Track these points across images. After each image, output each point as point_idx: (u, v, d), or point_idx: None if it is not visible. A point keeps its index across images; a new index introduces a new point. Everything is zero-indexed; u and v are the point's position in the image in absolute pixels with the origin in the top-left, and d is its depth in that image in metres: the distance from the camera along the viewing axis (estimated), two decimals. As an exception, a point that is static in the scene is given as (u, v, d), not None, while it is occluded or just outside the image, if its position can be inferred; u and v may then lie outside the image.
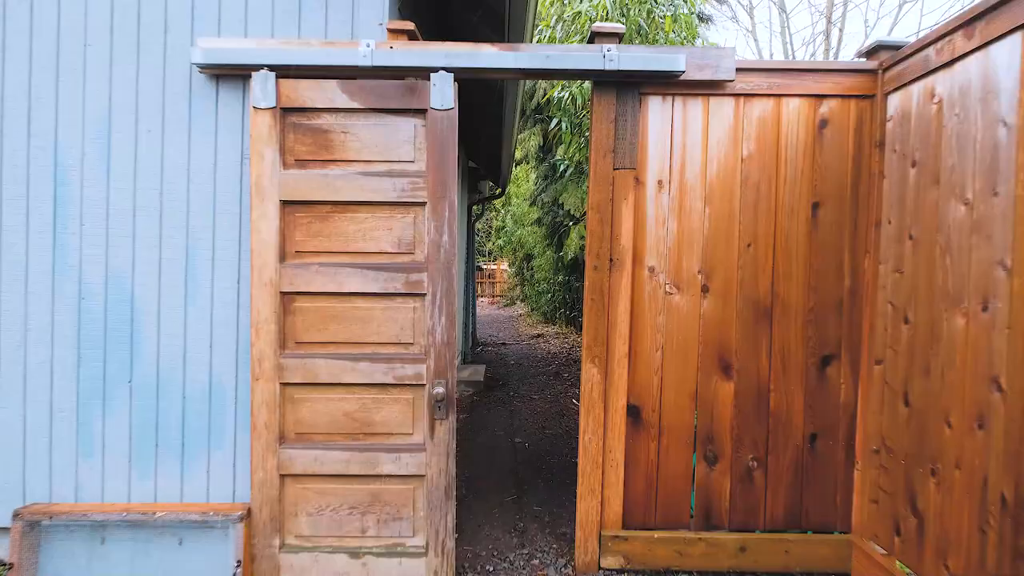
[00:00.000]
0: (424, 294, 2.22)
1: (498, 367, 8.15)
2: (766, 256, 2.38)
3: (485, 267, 25.20)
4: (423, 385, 2.23)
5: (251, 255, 2.21)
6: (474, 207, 10.49)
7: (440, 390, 2.18)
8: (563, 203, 7.46)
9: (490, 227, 23.02)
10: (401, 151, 2.22)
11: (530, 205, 12.08)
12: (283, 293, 2.22)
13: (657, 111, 2.36)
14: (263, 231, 2.20)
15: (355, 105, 2.20)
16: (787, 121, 2.36)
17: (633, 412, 2.39)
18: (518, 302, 19.83)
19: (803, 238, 2.37)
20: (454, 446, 2.25)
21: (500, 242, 18.40)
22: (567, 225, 5.76)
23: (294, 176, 2.21)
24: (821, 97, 2.36)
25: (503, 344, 10.98)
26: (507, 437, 4.52)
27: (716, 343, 2.39)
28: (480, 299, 23.41)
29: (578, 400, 5.90)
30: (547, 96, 4.40)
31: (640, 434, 2.40)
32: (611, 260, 2.35)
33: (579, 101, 4.19)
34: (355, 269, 2.22)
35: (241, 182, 2.32)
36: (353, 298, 2.23)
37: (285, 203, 2.22)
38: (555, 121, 4.51)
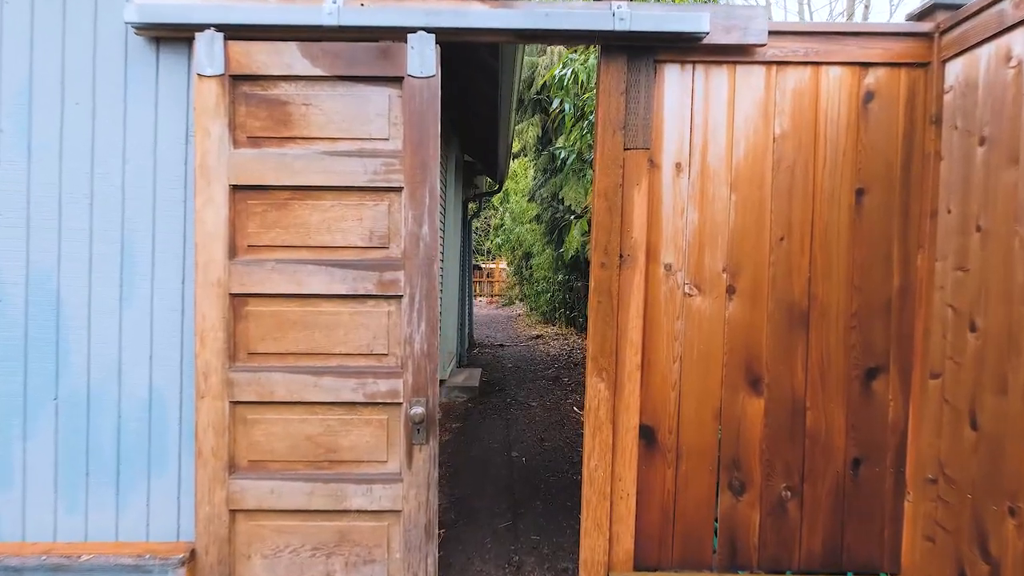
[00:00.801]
0: (400, 296, 1.89)
1: (495, 371, 7.83)
2: (802, 251, 2.05)
3: (484, 266, 24.99)
4: (399, 404, 1.90)
5: (195, 250, 1.88)
6: (470, 203, 10.17)
7: (419, 410, 1.85)
8: (563, 198, 7.13)
9: (488, 225, 22.79)
10: (373, 127, 1.89)
11: (528, 201, 11.76)
12: (233, 295, 1.89)
13: (675, 82, 2.03)
14: (209, 221, 1.87)
15: (318, 72, 1.87)
16: (827, 93, 2.04)
17: (646, 433, 2.07)
18: (517, 302, 19.59)
19: (845, 230, 2.04)
20: (436, 475, 1.92)
21: (498, 240, 18.11)
22: (568, 221, 5.43)
23: (246, 156, 1.88)
24: (866, 65, 2.03)
25: (501, 346, 10.67)
26: (502, 450, 4.20)
27: (743, 353, 2.06)
28: (478, 299, 23.17)
29: (579, 408, 5.58)
30: (548, 75, 4.08)
31: (655, 459, 2.07)
32: (621, 256, 2.02)
33: (582, 79, 3.86)
34: (318, 267, 1.89)
35: (186, 164, 1.99)
36: (316, 301, 1.90)
37: (236, 188, 1.89)
38: (556, 103, 4.17)
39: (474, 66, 4.92)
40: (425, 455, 1.90)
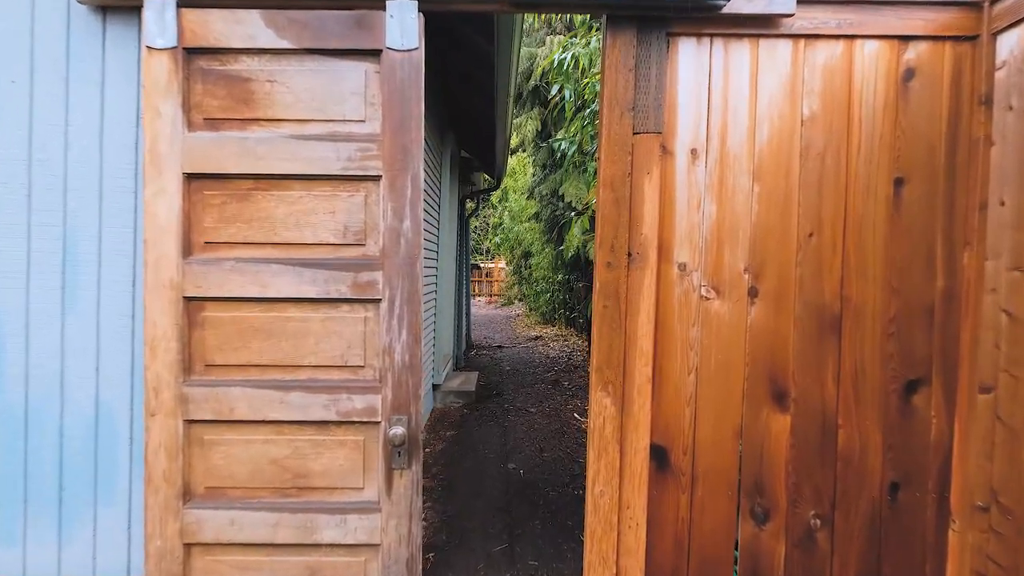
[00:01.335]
0: (379, 300, 1.67)
1: (492, 374, 7.61)
2: (833, 249, 1.83)
3: (483, 265, 24.85)
4: (377, 423, 1.68)
5: (144, 247, 1.65)
6: (467, 201, 9.95)
7: (400, 430, 1.63)
8: (563, 194, 6.90)
9: (487, 224, 22.66)
10: (347, 107, 1.67)
11: (527, 198, 11.54)
12: (188, 299, 1.66)
13: (690, 57, 1.81)
14: (160, 215, 1.65)
15: (284, 44, 1.64)
16: (862, 71, 1.82)
17: (658, 455, 1.85)
18: (516, 302, 19.44)
19: (882, 224, 1.82)
20: (420, 504, 1.70)
21: (496, 239, 17.92)
22: (568, 218, 5.21)
23: (203, 141, 1.66)
24: (906, 39, 1.81)
25: (499, 347, 10.46)
26: (499, 461, 3.98)
27: (767, 363, 1.84)
28: (477, 299, 23.02)
29: (580, 414, 5.36)
30: (547, 61, 3.85)
31: (667, 483, 1.85)
32: (629, 255, 1.80)
33: (584, 64, 3.64)
34: (285, 266, 1.67)
35: (138, 149, 1.76)
36: (282, 305, 1.68)
37: (191, 177, 1.67)
38: (555, 89, 3.94)
39: (468, 55, 4.70)
40: (407, 481, 1.68)
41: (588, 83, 3.56)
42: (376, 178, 1.67)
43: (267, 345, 1.68)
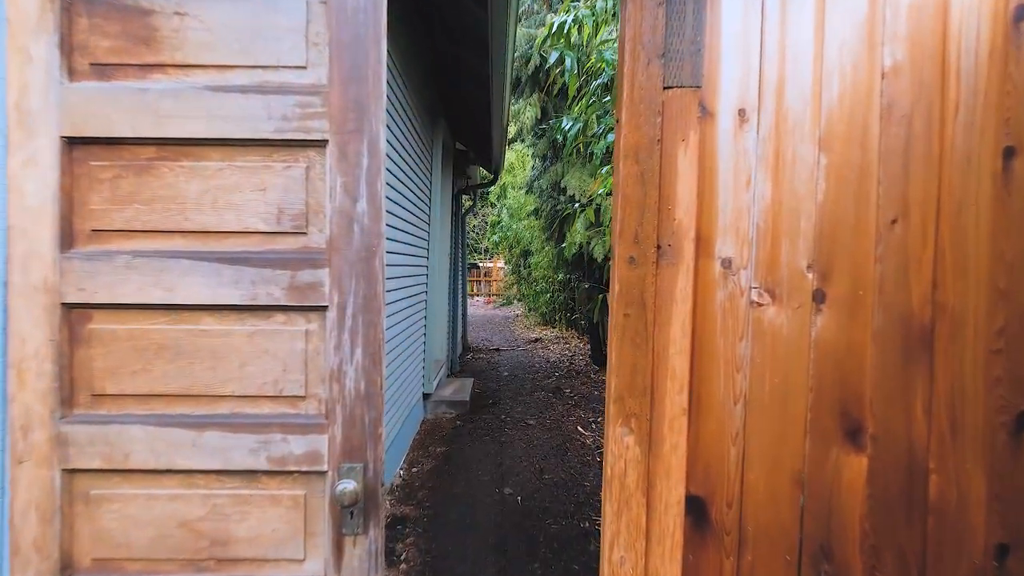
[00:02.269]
0: (325, 307, 1.26)
1: (489, 380, 7.21)
2: (923, 240, 1.42)
3: (481, 265, 24.57)
4: (322, 473, 1.27)
5: (8, 236, 1.24)
6: (463, 196, 9.54)
7: (351, 486, 1.22)
8: (565, 187, 6.49)
9: (486, 222, 22.41)
10: (283, 48, 1.26)
11: (526, 193, 11.15)
12: (68, 306, 1.25)
13: (738, -11, 1.40)
14: (31, 192, 1.24)
15: (198, -37, 1.23)
16: (960, 9, 1.41)
17: (695, 508, 1.44)
18: (515, 302, 19.15)
19: (987, 208, 1.42)
20: (380, 580, 1.29)
21: (495, 238, 17.57)
22: (572, 211, 4.80)
23: (89, 93, 1.25)
24: (1019, -34, 1.40)
25: (496, 350, 10.07)
26: (493, 485, 3.57)
27: (837, 389, 1.43)
28: (476, 299, 22.72)
29: (584, 427, 4.95)
30: (546, 27, 3.45)
31: (707, 545, 1.44)
32: (658, 247, 1.39)
33: (588, 31, 3.21)
34: (198, 263, 1.26)
35: (6, 104, 1.35)
36: (196, 314, 1.27)
37: (72, 142, 1.26)
38: (554, 56, 3.50)
39: (460, 35, 4.30)
40: (362, 551, 1.27)
41: (597, 47, 3.14)
42: (321, 143, 1.26)
43: (175, 368, 1.27)
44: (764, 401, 1.44)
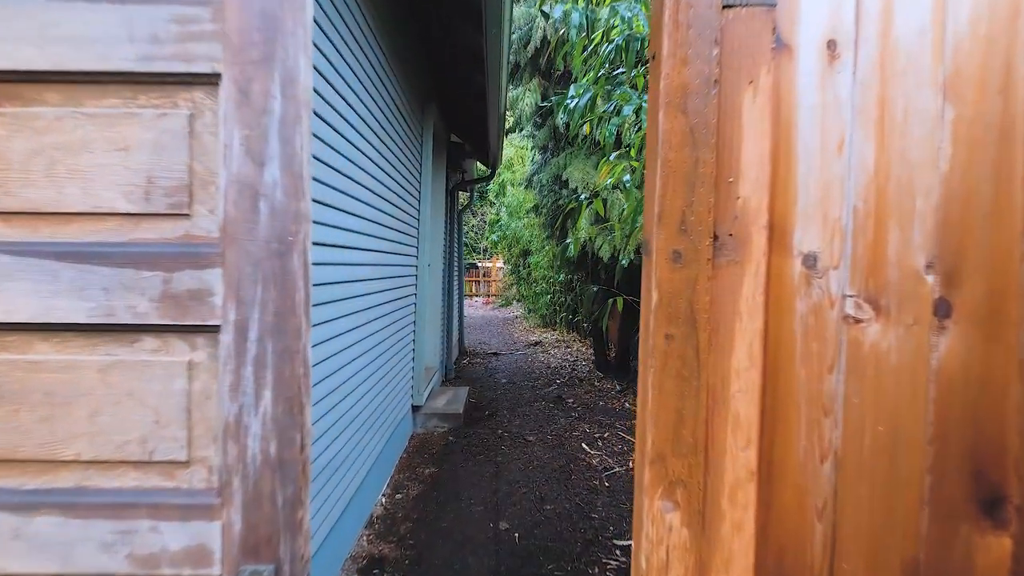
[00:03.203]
0: (216, 327, 0.85)
1: (485, 388, 6.80)
2: (1091, 228, 1.00)
3: (480, 265, 24.32)
4: (212, 580, 0.85)
5: None
6: (460, 192, 9.13)
7: (250, 603, 0.80)
8: (567, 179, 6.07)
9: (484, 221, 22.18)
10: (154, -65, 0.84)
11: (526, 188, 10.75)
12: None
13: None
14: None
15: None
16: None
17: (765, 612, 1.02)
18: (514, 302, 18.88)
19: None
20: None
21: (494, 237, 17.22)
22: (580, 202, 4.39)
23: None
24: None
25: (494, 354, 9.68)
26: (487, 517, 3.15)
27: (969, 439, 1.02)
28: (474, 299, 22.41)
29: (589, 446, 4.53)
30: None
31: (782, 665, 1.02)
32: (715, 238, 0.97)
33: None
34: (23, 259, 0.84)
35: None
36: (22, 339, 0.86)
37: None
38: (559, 11, 3.05)
39: (451, 10, 3.89)
40: None
41: (608, 2, 2.70)
42: (211, 79, 0.84)
43: (-8, 419, 0.85)
44: (863, 457, 1.02)
